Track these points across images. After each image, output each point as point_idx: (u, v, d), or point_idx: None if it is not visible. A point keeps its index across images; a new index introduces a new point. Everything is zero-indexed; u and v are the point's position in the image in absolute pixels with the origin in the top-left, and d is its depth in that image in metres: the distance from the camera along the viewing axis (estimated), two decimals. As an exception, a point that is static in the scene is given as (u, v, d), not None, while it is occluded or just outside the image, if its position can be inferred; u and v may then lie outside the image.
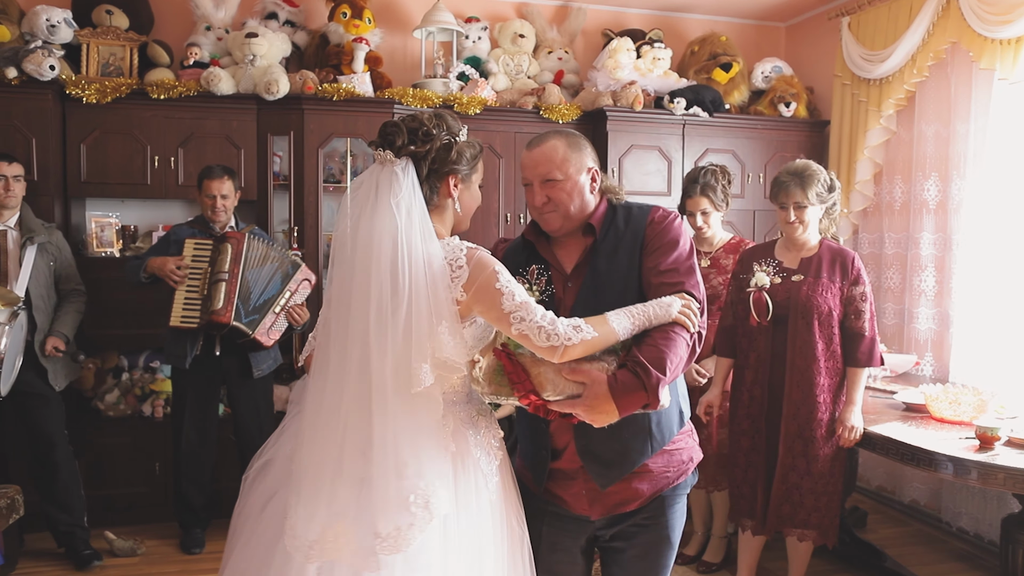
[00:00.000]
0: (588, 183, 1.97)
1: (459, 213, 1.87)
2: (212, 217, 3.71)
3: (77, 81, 3.94)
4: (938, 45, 3.99)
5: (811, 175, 3.02)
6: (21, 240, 3.46)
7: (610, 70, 4.61)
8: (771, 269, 3.09)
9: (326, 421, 1.69)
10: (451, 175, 1.81)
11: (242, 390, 3.80)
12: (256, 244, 3.63)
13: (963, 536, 3.96)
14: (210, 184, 3.68)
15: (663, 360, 1.74)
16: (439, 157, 1.78)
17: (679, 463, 1.98)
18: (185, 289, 3.56)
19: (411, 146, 1.75)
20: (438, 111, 1.87)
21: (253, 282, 3.59)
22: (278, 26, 4.47)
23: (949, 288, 4.04)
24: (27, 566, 3.56)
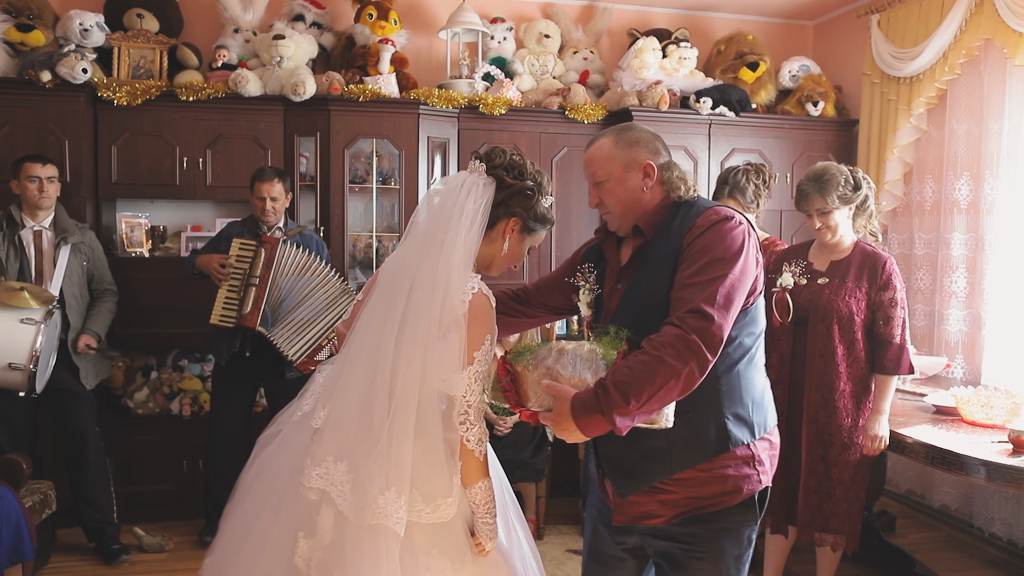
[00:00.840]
0: (640, 180, 1.90)
1: (498, 256, 1.92)
2: (262, 218, 3.76)
3: (108, 84, 4.01)
4: (971, 42, 3.92)
5: (829, 178, 2.94)
6: (55, 240, 3.53)
7: (636, 70, 4.59)
8: (798, 270, 3.05)
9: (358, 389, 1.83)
10: (515, 218, 1.90)
11: (279, 388, 3.83)
12: (292, 252, 3.64)
13: (996, 542, 3.89)
14: (260, 186, 3.72)
15: (630, 386, 1.65)
16: (516, 197, 1.88)
17: (718, 490, 1.84)
18: (227, 288, 3.61)
19: (503, 172, 1.88)
20: (541, 170, 1.96)
21: (287, 291, 3.61)
22: (305, 28, 4.51)
23: (981, 289, 3.97)
24: (59, 560, 3.63)
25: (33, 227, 3.52)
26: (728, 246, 1.77)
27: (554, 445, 4.22)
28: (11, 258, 3.44)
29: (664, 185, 1.92)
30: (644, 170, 1.91)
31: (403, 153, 4.34)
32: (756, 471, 1.87)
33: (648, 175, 1.91)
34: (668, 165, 1.94)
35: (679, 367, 1.67)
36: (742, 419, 1.86)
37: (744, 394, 1.87)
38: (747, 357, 1.87)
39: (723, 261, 1.75)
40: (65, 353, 3.49)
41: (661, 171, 1.91)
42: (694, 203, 1.91)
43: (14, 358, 3.15)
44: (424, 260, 1.81)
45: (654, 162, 1.91)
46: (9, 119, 3.91)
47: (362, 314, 1.88)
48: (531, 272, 4.60)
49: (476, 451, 1.78)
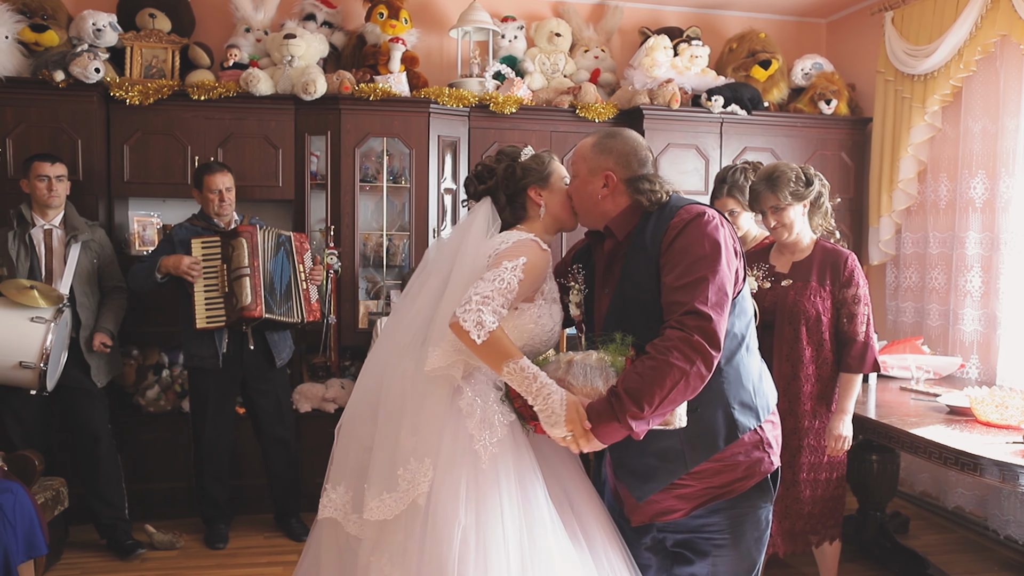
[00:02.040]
0: (599, 187, 1.96)
1: (551, 214, 2.05)
2: (218, 211, 3.75)
3: (121, 83, 4.03)
4: (986, 38, 3.87)
5: (779, 175, 2.90)
6: (65, 239, 3.54)
7: (647, 68, 4.57)
8: (761, 274, 3.00)
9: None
10: (529, 188, 2.05)
11: (264, 383, 3.84)
12: (266, 235, 3.70)
13: (1011, 545, 3.84)
14: (212, 179, 3.72)
15: (641, 391, 1.71)
16: (507, 182, 2.05)
17: (732, 477, 1.90)
18: (203, 290, 3.59)
19: (481, 186, 2.08)
20: (501, 148, 2.13)
21: (274, 272, 3.66)
22: (316, 27, 4.52)
23: (996, 289, 3.93)
24: (71, 557, 3.65)
25: (43, 226, 3.54)
26: (706, 243, 1.81)
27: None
28: (22, 257, 3.46)
29: (629, 194, 1.96)
30: (605, 179, 1.96)
31: (414, 152, 4.34)
32: (766, 453, 1.94)
33: (607, 184, 1.96)
34: (638, 179, 1.95)
35: (687, 368, 1.73)
36: (747, 406, 1.92)
37: (745, 381, 1.93)
38: (743, 345, 1.93)
39: (705, 259, 1.80)
40: (76, 351, 3.51)
41: (626, 184, 1.95)
42: (667, 205, 1.94)
43: (25, 356, 3.17)
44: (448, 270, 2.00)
45: (616, 175, 1.95)
46: (23, 119, 3.94)
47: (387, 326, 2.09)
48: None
49: (473, 334, 1.76)
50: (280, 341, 3.84)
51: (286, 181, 4.29)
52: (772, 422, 1.99)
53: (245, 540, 3.91)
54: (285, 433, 3.90)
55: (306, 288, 3.78)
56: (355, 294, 4.36)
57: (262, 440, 3.93)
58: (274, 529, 4.02)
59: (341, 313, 4.31)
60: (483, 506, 1.80)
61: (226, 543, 3.83)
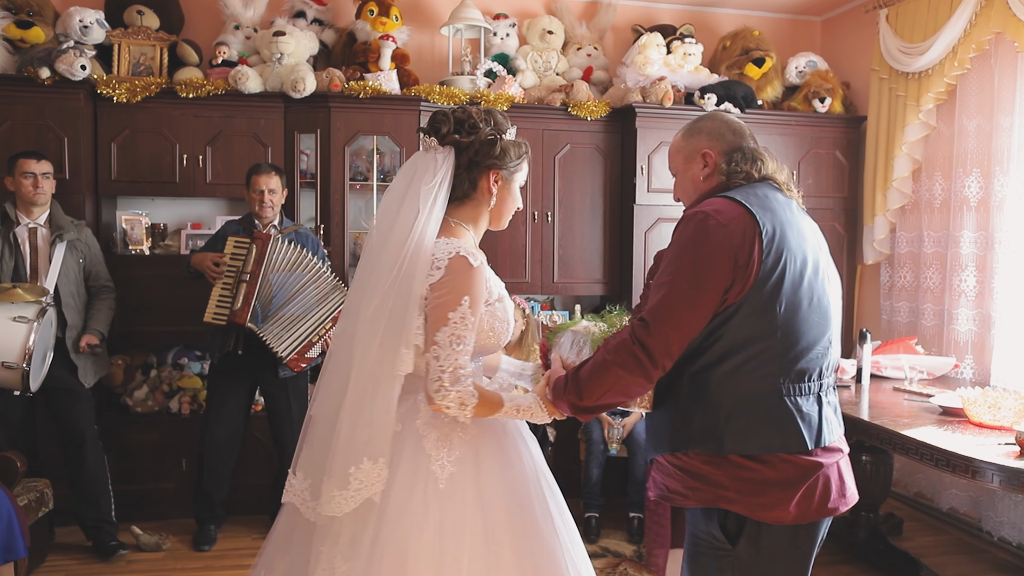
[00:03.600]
0: (700, 168, 1.87)
1: (494, 210, 1.90)
2: (260, 212, 3.73)
3: (108, 81, 3.99)
4: (981, 36, 3.84)
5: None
6: (51, 238, 3.51)
7: (639, 66, 4.54)
8: None
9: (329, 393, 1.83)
10: (492, 170, 1.84)
11: (273, 388, 3.81)
12: (283, 248, 3.60)
13: (1005, 546, 3.81)
14: (258, 179, 3.70)
15: (586, 383, 1.75)
16: (482, 150, 1.82)
17: (673, 485, 1.81)
18: (221, 286, 3.58)
19: (456, 135, 1.80)
20: (490, 108, 1.90)
21: (277, 287, 3.57)
22: (306, 24, 4.48)
23: (991, 288, 3.89)
24: (55, 559, 3.61)
25: (28, 224, 3.50)
26: (688, 247, 1.71)
27: (555, 446, 4.18)
28: (6, 256, 3.43)
29: (719, 173, 1.84)
30: (703, 158, 1.87)
31: (404, 150, 4.31)
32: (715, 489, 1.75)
33: (707, 164, 1.87)
34: (734, 151, 1.84)
35: (625, 374, 1.71)
36: (707, 426, 1.75)
37: (711, 400, 1.75)
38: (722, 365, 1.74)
39: (677, 264, 1.71)
40: (63, 351, 3.47)
41: (724, 158, 1.84)
42: (725, 187, 1.82)
43: (7, 357, 3.13)
44: (384, 248, 1.78)
45: (714, 150, 1.86)
46: (8, 116, 3.90)
47: (342, 311, 1.94)
48: (533, 268, 4.55)
49: (459, 415, 1.74)
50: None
51: (275, 179, 4.25)
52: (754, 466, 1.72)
53: (234, 542, 3.87)
54: (292, 441, 3.82)
55: (315, 341, 3.61)
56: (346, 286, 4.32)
57: (276, 444, 3.92)
58: (265, 530, 3.98)
59: (331, 313, 4.27)
60: (443, 530, 1.72)
61: (212, 545, 3.79)
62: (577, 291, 4.73)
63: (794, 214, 1.81)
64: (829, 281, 1.83)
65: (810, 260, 1.77)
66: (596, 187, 4.63)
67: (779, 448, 1.72)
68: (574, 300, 4.90)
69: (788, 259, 1.72)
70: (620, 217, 4.64)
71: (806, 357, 1.74)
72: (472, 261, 1.75)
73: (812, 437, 1.73)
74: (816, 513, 1.73)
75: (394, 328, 1.73)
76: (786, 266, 1.71)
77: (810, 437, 1.72)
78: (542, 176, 4.52)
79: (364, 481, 1.70)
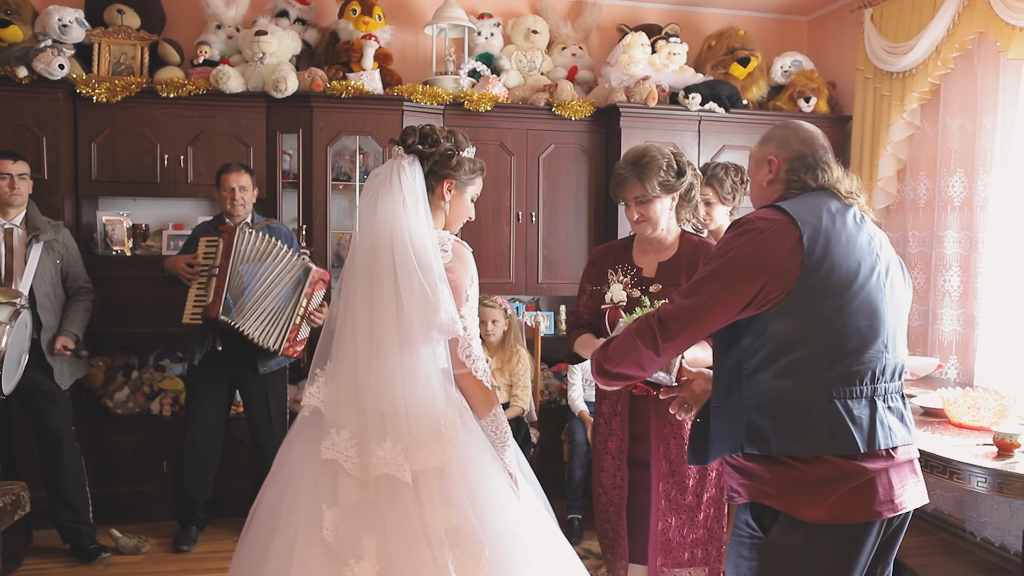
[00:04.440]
0: (765, 174, 2.01)
1: (449, 215, 2.19)
2: (231, 211, 3.71)
3: (87, 80, 3.96)
4: (964, 35, 3.83)
5: (649, 161, 2.50)
6: (27, 238, 3.47)
7: (624, 65, 4.52)
8: (628, 280, 2.60)
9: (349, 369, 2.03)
10: (447, 179, 2.15)
11: (252, 387, 3.78)
12: (251, 238, 3.55)
13: (988, 547, 3.81)
14: (227, 177, 3.69)
15: (610, 352, 1.95)
16: (440, 161, 2.13)
17: (732, 485, 1.96)
18: (196, 286, 3.55)
19: (419, 145, 2.13)
20: (453, 129, 2.22)
21: (248, 277, 3.52)
22: (288, 24, 4.46)
23: (975, 288, 3.88)
24: (33, 562, 3.58)
25: (4, 225, 3.47)
26: (725, 244, 1.85)
27: (539, 447, 4.16)
28: (-20, 256, 3.40)
29: (780, 181, 1.94)
30: (768, 164, 1.96)
31: (387, 150, 4.28)
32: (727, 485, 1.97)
33: (771, 169, 1.96)
34: (799, 158, 1.92)
35: (639, 345, 1.88)
36: (758, 429, 1.82)
37: (760, 402, 1.81)
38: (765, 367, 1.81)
39: (715, 259, 1.85)
40: (38, 353, 3.44)
41: (788, 164, 1.93)
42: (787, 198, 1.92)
43: (-22, 359, 3.09)
44: (385, 239, 2.00)
45: (779, 157, 1.94)
46: (-14, 116, 3.87)
47: (340, 304, 2.09)
48: (517, 269, 4.54)
49: (484, 380, 2.07)
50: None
51: (257, 180, 4.18)
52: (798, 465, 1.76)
53: (215, 544, 3.85)
54: (270, 441, 3.81)
55: (298, 323, 3.59)
56: (328, 293, 4.28)
57: (253, 444, 3.89)
58: (245, 533, 3.96)
59: (313, 313, 4.24)
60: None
61: (191, 546, 3.77)
62: (562, 291, 4.71)
63: (847, 221, 1.85)
64: (890, 287, 1.85)
65: (863, 265, 1.81)
66: (581, 187, 4.61)
67: (828, 450, 1.75)
68: (559, 301, 4.88)
69: (832, 263, 1.77)
70: (605, 217, 4.63)
71: (857, 360, 1.78)
72: (467, 247, 2.12)
73: (864, 440, 1.75)
74: (854, 516, 1.74)
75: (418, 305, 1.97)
76: (830, 270, 1.77)
77: (861, 440, 1.75)
78: (526, 176, 4.51)
79: (451, 435, 1.98)
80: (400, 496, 1.93)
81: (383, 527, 1.92)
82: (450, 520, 1.93)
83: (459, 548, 1.92)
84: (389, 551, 1.90)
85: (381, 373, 1.98)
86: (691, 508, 2.57)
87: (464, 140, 2.19)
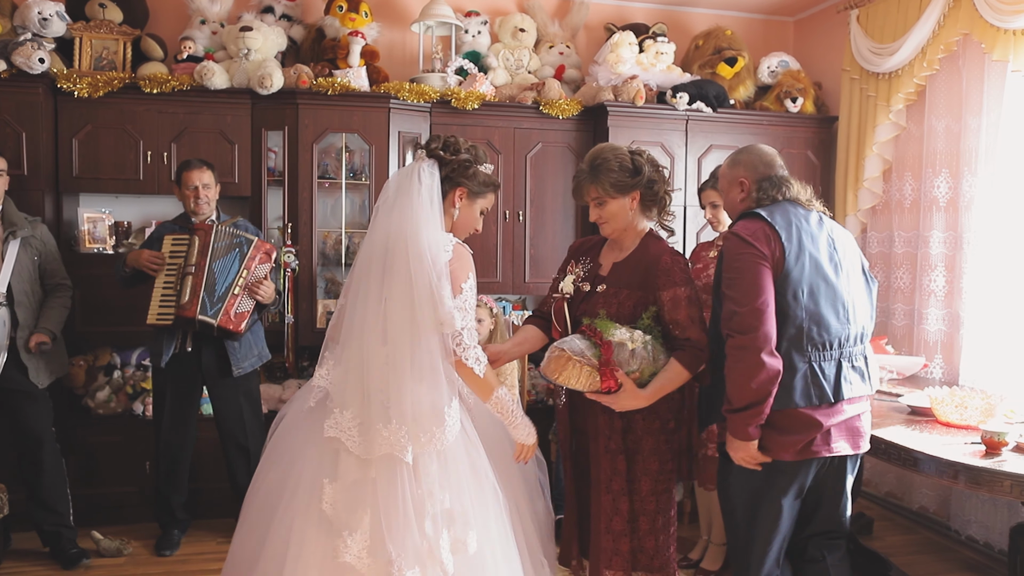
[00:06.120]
0: (738, 192, 2.54)
1: (456, 222, 2.34)
2: (195, 209, 3.63)
3: (69, 75, 3.90)
4: (949, 37, 3.86)
5: (601, 163, 2.48)
6: (3, 234, 3.40)
7: (611, 64, 4.51)
8: (583, 272, 2.59)
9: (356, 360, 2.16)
10: (460, 187, 2.31)
11: (223, 389, 3.69)
12: (223, 232, 3.52)
13: (972, 545, 3.83)
14: (189, 175, 3.61)
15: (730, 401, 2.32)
16: (457, 169, 2.30)
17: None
18: (162, 286, 3.49)
19: (440, 151, 2.30)
20: (476, 144, 2.39)
21: (219, 272, 3.48)
22: (274, 20, 4.41)
23: (960, 288, 3.91)
24: (11, 565, 3.52)
25: (-21, 222, 3.40)
26: (730, 259, 2.35)
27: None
28: (-44, 254, 3.32)
29: (751, 199, 2.47)
30: (740, 185, 2.48)
31: (373, 148, 4.25)
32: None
33: (743, 188, 2.47)
34: (764, 179, 2.45)
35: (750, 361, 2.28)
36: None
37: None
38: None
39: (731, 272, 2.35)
40: (14, 351, 3.37)
41: (756, 185, 2.45)
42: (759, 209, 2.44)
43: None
44: (402, 234, 2.16)
45: (748, 179, 2.46)
46: (-37, 110, 3.80)
47: (351, 290, 2.23)
48: (504, 268, 4.52)
49: (476, 369, 2.18)
50: (241, 349, 3.65)
51: (242, 177, 4.18)
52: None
53: (198, 546, 3.80)
54: (245, 441, 3.74)
55: (237, 292, 3.49)
56: (313, 293, 4.26)
57: (224, 446, 3.80)
58: (230, 534, 3.90)
59: (299, 312, 4.20)
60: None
61: (174, 550, 3.71)
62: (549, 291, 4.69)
63: (811, 223, 2.41)
64: (847, 273, 2.41)
65: (823, 257, 2.37)
66: (568, 186, 4.55)
67: (801, 402, 2.31)
68: (546, 300, 4.86)
69: (804, 255, 2.32)
70: (592, 216, 4.61)
71: (826, 330, 2.32)
72: (467, 248, 2.27)
73: (831, 390, 2.33)
74: (796, 455, 2.33)
75: (428, 297, 2.11)
76: (804, 260, 2.32)
77: (830, 390, 2.33)
78: (513, 175, 4.49)
79: (454, 416, 2.14)
80: (399, 475, 2.07)
81: (379, 504, 2.05)
82: (444, 501, 2.10)
83: (449, 529, 2.09)
84: (382, 527, 2.03)
85: (389, 359, 2.11)
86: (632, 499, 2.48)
87: (484, 156, 2.37)
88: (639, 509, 2.49)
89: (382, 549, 2.01)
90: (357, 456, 2.09)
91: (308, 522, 2.07)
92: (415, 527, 2.04)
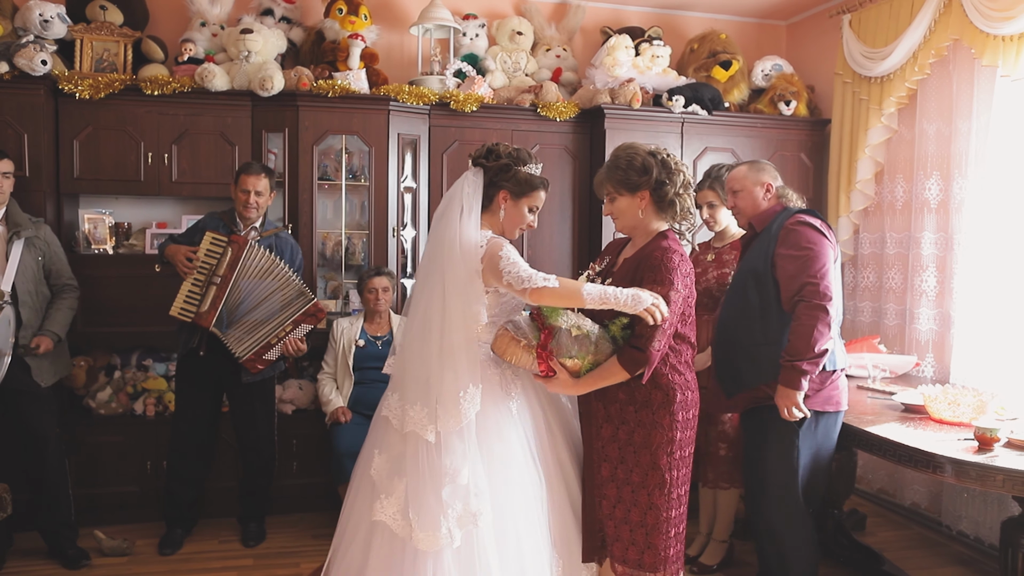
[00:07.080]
0: (763, 192, 3.09)
1: (504, 222, 2.55)
2: (243, 213, 3.66)
3: (70, 77, 3.92)
4: (940, 42, 3.93)
5: (615, 160, 2.53)
6: (7, 235, 3.41)
7: (608, 67, 4.57)
8: (600, 268, 2.66)
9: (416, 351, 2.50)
10: (503, 190, 2.53)
11: (237, 390, 3.76)
12: (259, 254, 3.54)
13: (963, 540, 3.90)
14: (246, 179, 3.63)
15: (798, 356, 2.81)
16: (498, 174, 2.52)
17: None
18: (191, 283, 3.52)
19: (482, 159, 2.55)
20: (520, 148, 2.59)
21: (247, 293, 3.52)
22: (274, 22, 4.44)
23: (950, 288, 3.98)
24: (15, 565, 3.53)
25: (-16, 222, 3.41)
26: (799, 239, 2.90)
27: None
28: (-39, 254, 3.33)
29: (774, 200, 3.06)
30: (766, 188, 3.03)
31: (373, 150, 4.29)
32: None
33: (768, 192, 3.03)
34: (782, 187, 3.09)
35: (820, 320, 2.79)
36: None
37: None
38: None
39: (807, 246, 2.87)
40: (18, 351, 3.38)
41: (778, 191, 3.07)
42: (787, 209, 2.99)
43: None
44: (442, 238, 2.47)
45: (774, 184, 3.05)
46: (-35, 112, 3.81)
47: (412, 291, 2.60)
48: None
49: (550, 284, 2.33)
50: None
51: (242, 179, 4.20)
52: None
53: (201, 544, 3.82)
54: (257, 441, 3.80)
55: (273, 343, 3.55)
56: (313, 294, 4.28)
57: (239, 445, 3.87)
58: (232, 532, 3.94)
59: (299, 313, 4.22)
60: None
61: (176, 549, 3.73)
62: (547, 291, 4.74)
63: None
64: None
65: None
66: (565, 188, 4.65)
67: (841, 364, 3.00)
68: (543, 300, 4.90)
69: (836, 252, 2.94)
70: (589, 218, 4.67)
71: (839, 312, 2.88)
72: (502, 239, 2.49)
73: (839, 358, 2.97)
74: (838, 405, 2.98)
75: (457, 292, 2.41)
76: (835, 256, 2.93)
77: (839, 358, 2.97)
78: (512, 176, 4.53)
79: (470, 400, 2.37)
80: (422, 450, 2.39)
81: (408, 474, 2.40)
82: (463, 476, 2.34)
83: (464, 503, 2.34)
84: (410, 494, 2.37)
85: (423, 349, 2.44)
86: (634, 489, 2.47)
87: (528, 157, 2.55)
88: (630, 500, 2.45)
89: (408, 513, 2.36)
90: (398, 431, 2.45)
91: (362, 484, 2.53)
92: (431, 495, 2.33)
